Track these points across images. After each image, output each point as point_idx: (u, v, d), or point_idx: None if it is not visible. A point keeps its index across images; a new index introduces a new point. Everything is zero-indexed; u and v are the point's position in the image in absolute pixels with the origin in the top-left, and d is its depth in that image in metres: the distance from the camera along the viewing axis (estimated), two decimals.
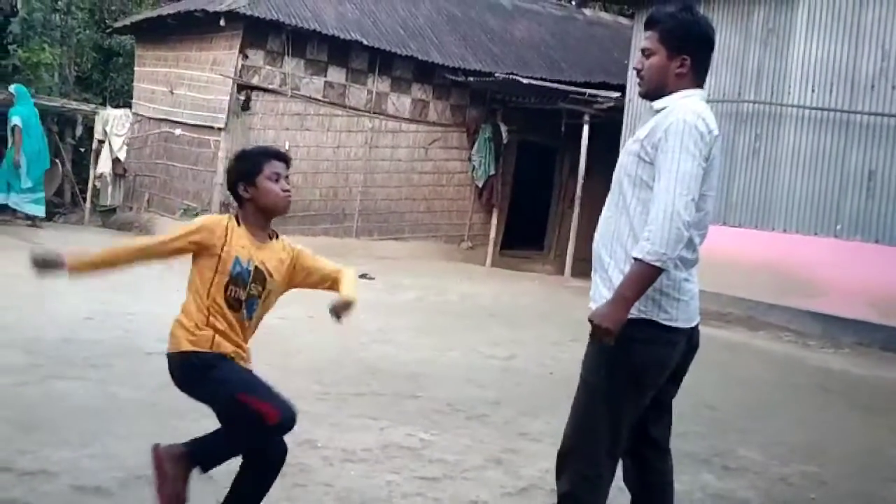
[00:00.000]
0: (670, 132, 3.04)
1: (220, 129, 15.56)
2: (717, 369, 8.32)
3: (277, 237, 3.61)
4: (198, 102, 16.37)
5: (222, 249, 3.40)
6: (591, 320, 3.01)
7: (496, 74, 16.61)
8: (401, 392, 6.27)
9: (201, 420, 5.12)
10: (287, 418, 3.42)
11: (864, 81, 11.49)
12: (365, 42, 16.10)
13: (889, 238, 10.98)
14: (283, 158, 3.57)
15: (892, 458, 5.76)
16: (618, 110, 15.17)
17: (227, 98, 15.46)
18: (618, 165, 3.28)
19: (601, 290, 3.15)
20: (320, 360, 7.15)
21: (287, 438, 4.86)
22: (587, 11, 21.78)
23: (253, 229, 3.49)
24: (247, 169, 3.49)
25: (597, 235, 3.28)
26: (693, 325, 3.23)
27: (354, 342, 7.96)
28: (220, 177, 15.37)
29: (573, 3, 22.02)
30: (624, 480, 3.42)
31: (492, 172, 17.52)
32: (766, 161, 12.67)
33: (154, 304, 9.09)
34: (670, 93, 3.22)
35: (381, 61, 16.56)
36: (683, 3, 3.33)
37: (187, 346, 3.41)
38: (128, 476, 4.23)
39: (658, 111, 3.20)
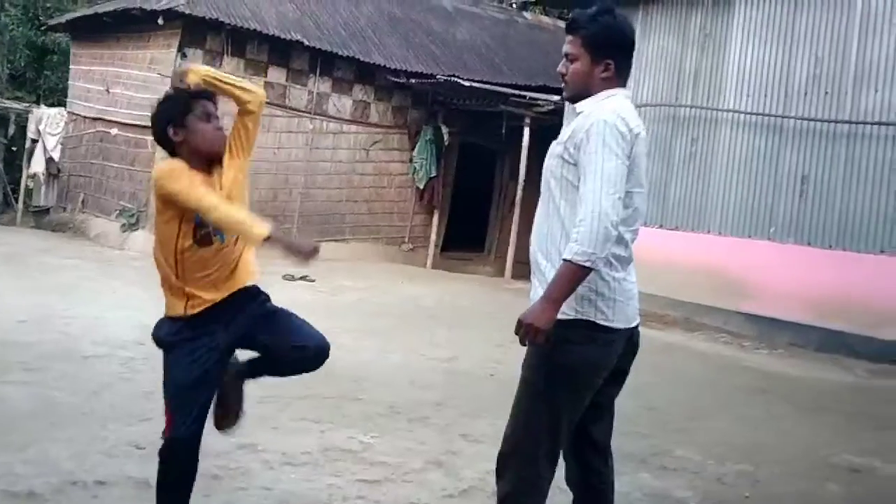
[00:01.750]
0: (591, 133, 3.06)
1: None
2: (656, 370, 8.42)
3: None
4: (135, 102, 16.11)
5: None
6: (520, 320, 3.01)
7: (437, 76, 16.65)
8: (343, 394, 6.24)
9: (137, 424, 5.06)
10: (181, 437, 3.36)
11: (798, 87, 11.73)
12: (306, 42, 16.01)
13: (821, 241, 11.22)
14: (211, 98, 3.47)
15: (826, 458, 5.87)
16: (558, 113, 15.28)
17: None
18: (544, 169, 3.29)
19: (540, 293, 3.14)
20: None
21: (226, 441, 4.84)
22: (528, 15, 21.92)
23: (196, 169, 3.37)
24: (176, 110, 3.38)
25: (532, 239, 3.30)
26: (632, 325, 3.25)
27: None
28: None
29: (514, 6, 22.14)
30: (566, 481, 3.44)
31: (433, 174, 17.53)
32: (702, 164, 12.86)
33: (91, 306, 8.95)
34: (594, 94, 3.24)
35: (323, 62, 16.48)
36: (603, 5, 3.33)
37: (166, 313, 3.41)
38: (62, 481, 4.15)
39: (580, 113, 3.22)
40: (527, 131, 15.79)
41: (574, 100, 3.31)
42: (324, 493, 4.28)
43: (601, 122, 3.07)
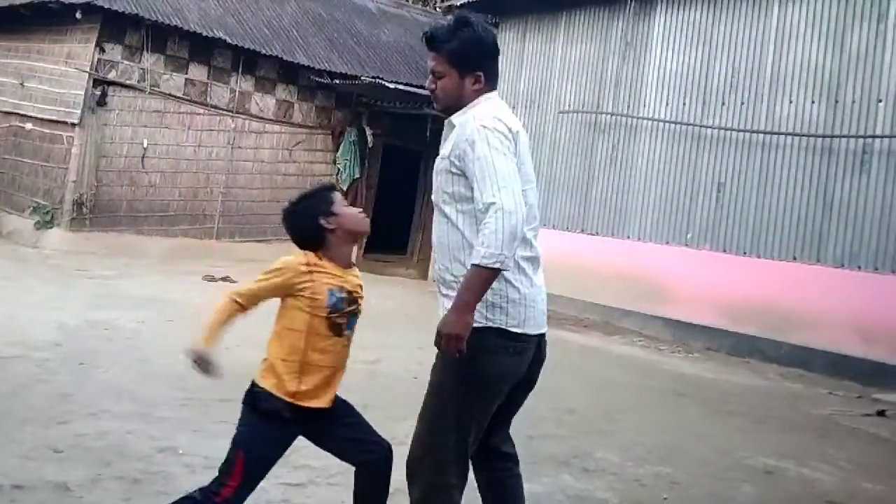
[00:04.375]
0: (473, 140, 3.05)
1: (73, 124, 14.97)
2: (576, 373, 8.55)
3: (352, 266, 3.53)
4: (50, 96, 15.72)
5: (308, 287, 3.33)
6: (438, 331, 2.98)
7: (362, 78, 16.62)
8: None
9: (55, 427, 4.95)
10: None
11: (715, 96, 12.02)
12: (228, 40, 15.83)
13: (735, 247, 11.51)
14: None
15: (741, 460, 6.03)
16: None
17: (82, 93, 14.91)
18: (434, 188, 3.29)
19: (448, 306, 3.12)
20: (182, 365, 6.94)
21: (147, 445, 4.77)
22: (452, 18, 21.98)
23: (337, 260, 3.42)
24: (322, 203, 3.45)
25: (436, 259, 3.28)
26: (541, 332, 3.26)
27: (219, 347, 7.81)
28: (74, 174, 14.84)
29: (438, 9, 22.20)
30: (478, 487, 3.47)
31: (356, 176, 17.50)
32: (622, 171, 13.09)
33: (4, 306, 8.70)
34: (467, 104, 3.24)
35: (245, 60, 16.31)
36: (460, 16, 3.33)
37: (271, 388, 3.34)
38: None
39: (453, 124, 3.23)
40: None
41: (448, 112, 3.30)
42: (248, 497, 4.24)
43: (480, 128, 3.06)
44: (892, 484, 5.80)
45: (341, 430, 3.42)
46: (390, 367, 7.64)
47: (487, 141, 3.03)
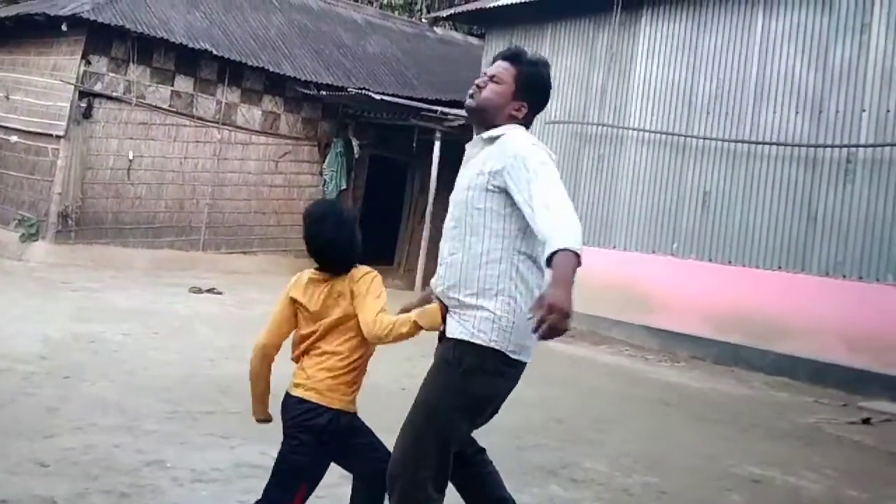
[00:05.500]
0: (526, 157, 3.08)
1: (59, 136, 14.94)
2: (564, 383, 8.57)
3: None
4: (36, 109, 15.68)
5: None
6: (550, 304, 2.77)
7: (348, 89, 16.64)
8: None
9: (41, 441, 4.93)
10: None
11: (700, 106, 12.09)
12: (214, 52, 15.83)
13: (721, 256, 11.56)
14: None
15: (728, 468, 6.05)
16: (468, 128, 15.39)
17: (68, 105, 14.89)
18: (457, 203, 3.28)
19: (456, 325, 3.15)
20: (169, 377, 6.97)
21: (134, 458, 4.75)
22: (438, 30, 22.08)
23: None
24: (353, 226, 3.45)
25: (442, 274, 3.24)
26: (529, 360, 3.27)
27: (205, 359, 7.81)
28: (59, 186, 14.80)
29: (424, 21, 22.26)
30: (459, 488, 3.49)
31: (343, 187, 17.50)
32: (608, 181, 13.14)
33: None
34: (496, 126, 3.27)
35: (231, 72, 16.32)
36: (544, 59, 3.44)
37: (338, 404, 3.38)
38: None
39: (487, 139, 3.25)
40: (437, 145, 15.89)
41: (475, 113, 3.33)
42: None
43: (530, 145, 3.12)
44: (876, 491, 5.84)
45: (360, 438, 3.44)
46: (378, 380, 7.62)
47: (541, 159, 3.09)
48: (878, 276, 10.05)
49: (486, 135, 3.27)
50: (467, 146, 3.39)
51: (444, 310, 3.22)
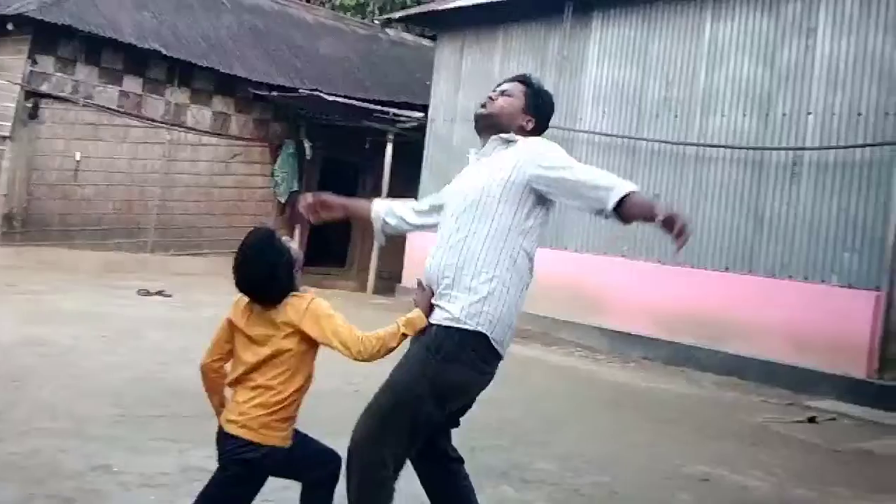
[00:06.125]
0: (549, 147, 3.45)
1: (5, 137, 14.67)
2: (516, 384, 8.58)
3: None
4: None
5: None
6: (674, 215, 3.13)
7: (300, 90, 16.55)
8: (202, 413, 6.02)
9: None
10: None
11: (650, 109, 12.21)
12: (164, 52, 15.66)
13: (669, 258, 11.68)
14: None
15: (678, 467, 6.11)
16: (420, 129, 15.44)
17: (14, 105, 14.63)
18: (472, 191, 3.38)
19: (450, 305, 3.23)
20: (118, 381, 6.87)
21: (81, 463, 4.68)
22: (391, 32, 22.05)
23: None
24: (290, 254, 3.36)
25: (442, 258, 3.33)
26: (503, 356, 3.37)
27: (153, 362, 7.71)
28: (5, 188, 14.55)
29: (377, 22, 22.22)
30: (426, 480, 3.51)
31: (295, 188, 17.41)
32: None
33: None
34: (511, 131, 3.54)
35: (181, 72, 16.16)
36: (543, 87, 3.76)
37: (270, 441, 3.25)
38: None
39: (504, 142, 3.50)
40: (390, 147, 15.88)
41: (487, 119, 3.59)
42: None
43: (549, 142, 3.50)
44: (822, 490, 5.93)
45: (300, 461, 3.35)
46: (330, 382, 7.58)
47: (563, 153, 3.45)
48: (823, 276, 10.22)
49: (504, 136, 3.51)
50: (478, 151, 3.62)
51: (430, 307, 3.29)
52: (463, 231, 3.33)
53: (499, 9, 13.95)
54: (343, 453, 3.31)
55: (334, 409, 6.47)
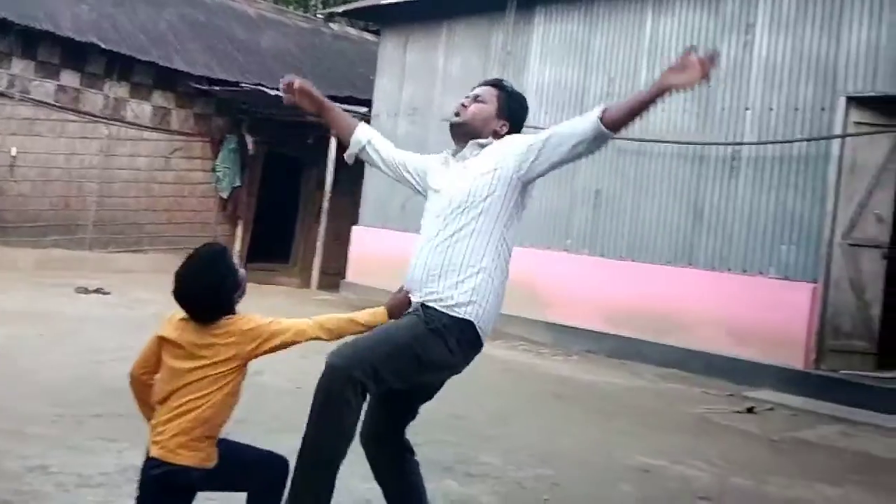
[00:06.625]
0: (520, 136, 3.66)
1: None
2: (462, 379, 8.58)
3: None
4: None
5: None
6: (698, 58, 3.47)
7: (242, 85, 16.38)
8: (139, 413, 6.02)
9: None
10: None
11: (592, 105, 12.18)
12: (102, 45, 15.39)
13: (613, 252, 11.80)
14: None
15: (620, 460, 6.18)
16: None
17: None
18: (458, 205, 3.54)
19: (453, 291, 3.43)
20: (54, 380, 6.75)
21: (18, 464, 4.59)
22: (334, 26, 21.93)
23: None
24: (238, 276, 3.31)
25: (429, 256, 3.50)
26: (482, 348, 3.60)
27: (92, 361, 7.59)
28: None
29: (319, 16, 22.09)
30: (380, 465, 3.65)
31: (237, 184, 17.24)
32: None
33: None
34: (485, 136, 3.69)
35: (120, 66, 15.90)
36: (516, 90, 3.91)
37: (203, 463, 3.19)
38: None
39: (481, 147, 3.66)
40: (333, 142, 15.77)
41: (461, 127, 3.71)
42: None
43: (523, 134, 3.67)
44: (759, 478, 6.04)
45: (229, 475, 3.29)
46: (271, 379, 7.54)
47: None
48: (760, 269, 10.39)
49: (481, 142, 3.67)
50: (454, 153, 3.76)
51: (408, 302, 3.48)
52: (450, 230, 3.50)
53: (443, 3, 13.95)
54: (286, 453, 3.29)
55: (279, 406, 6.43)
